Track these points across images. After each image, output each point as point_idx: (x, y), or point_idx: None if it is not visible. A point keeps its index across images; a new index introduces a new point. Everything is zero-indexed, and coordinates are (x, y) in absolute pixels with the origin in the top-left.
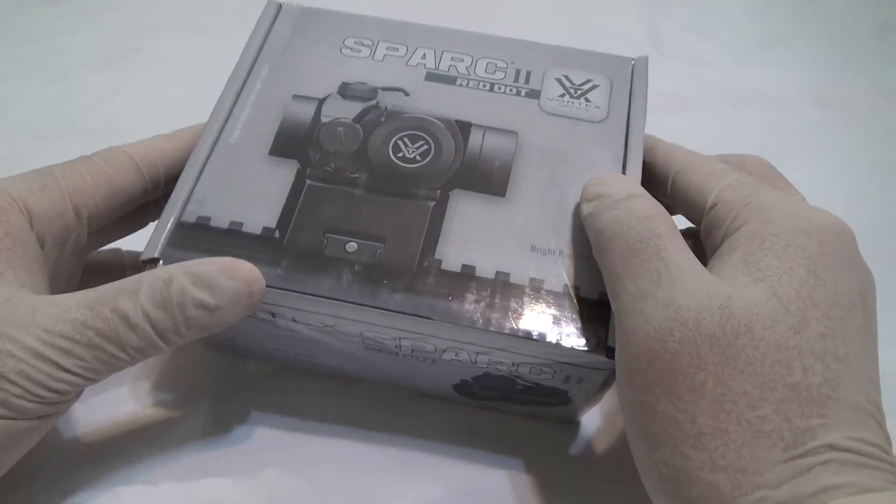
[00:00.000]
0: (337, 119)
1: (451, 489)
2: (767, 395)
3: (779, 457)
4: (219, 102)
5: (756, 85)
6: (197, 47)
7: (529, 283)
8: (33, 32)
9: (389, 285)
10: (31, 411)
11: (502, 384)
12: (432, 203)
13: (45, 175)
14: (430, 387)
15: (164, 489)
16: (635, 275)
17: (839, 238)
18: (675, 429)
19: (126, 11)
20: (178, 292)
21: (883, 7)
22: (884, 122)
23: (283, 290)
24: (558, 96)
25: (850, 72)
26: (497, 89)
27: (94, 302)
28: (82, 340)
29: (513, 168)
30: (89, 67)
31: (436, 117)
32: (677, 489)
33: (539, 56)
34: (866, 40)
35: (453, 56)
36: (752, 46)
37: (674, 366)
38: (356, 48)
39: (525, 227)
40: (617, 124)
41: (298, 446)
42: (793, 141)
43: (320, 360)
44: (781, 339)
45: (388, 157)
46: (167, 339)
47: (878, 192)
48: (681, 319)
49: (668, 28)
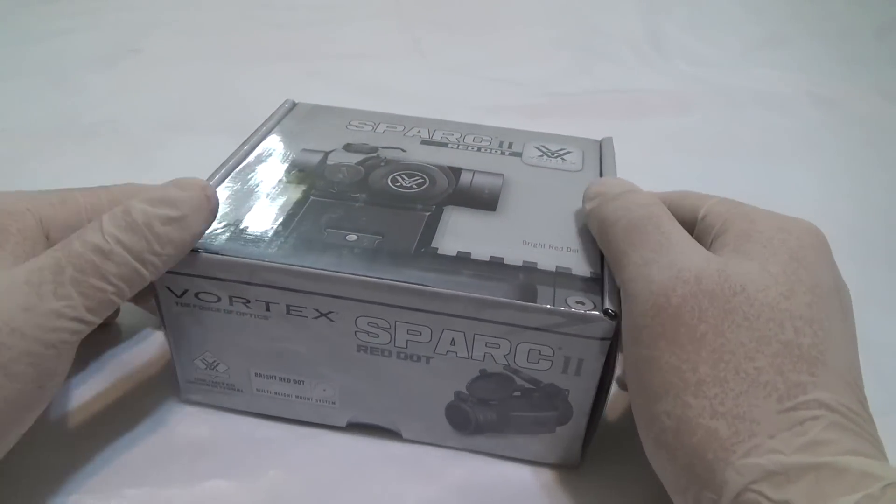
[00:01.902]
0: (341, 163)
1: (452, 490)
2: (763, 348)
3: (773, 407)
4: (230, 155)
5: (756, 85)
6: (197, 47)
7: (523, 263)
8: (33, 32)
9: (388, 262)
10: (26, 375)
11: (498, 389)
12: (427, 213)
13: (66, 193)
14: (421, 416)
15: (164, 489)
16: (639, 246)
17: (816, 239)
18: (678, 378)
19: (126, 11)
20: (140, 214)
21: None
22: (884, 122)
23: (284, 265)
24: (538, 156)
25: (850, 72)
26: (483, 151)
27: (63, 245)
28: (63, 280)
29: (501, 194)
30: (89, 67)
31: (430, 164)
32: (678, 437)
33: (519, 136)
34: (866, 40)
35: (444, 132)
36: (752, 46)
37: (677, 318)
38: (359, 126)
39: (516, 228)
40: (592, 174)
41: (298, 446)
42: (792, 141)
43: (305, 392)
44: (774, 302)
45: (386, 185)
46: (144, 260)
47: (877, 191)
48: (683, 278)
49: (668, 28)
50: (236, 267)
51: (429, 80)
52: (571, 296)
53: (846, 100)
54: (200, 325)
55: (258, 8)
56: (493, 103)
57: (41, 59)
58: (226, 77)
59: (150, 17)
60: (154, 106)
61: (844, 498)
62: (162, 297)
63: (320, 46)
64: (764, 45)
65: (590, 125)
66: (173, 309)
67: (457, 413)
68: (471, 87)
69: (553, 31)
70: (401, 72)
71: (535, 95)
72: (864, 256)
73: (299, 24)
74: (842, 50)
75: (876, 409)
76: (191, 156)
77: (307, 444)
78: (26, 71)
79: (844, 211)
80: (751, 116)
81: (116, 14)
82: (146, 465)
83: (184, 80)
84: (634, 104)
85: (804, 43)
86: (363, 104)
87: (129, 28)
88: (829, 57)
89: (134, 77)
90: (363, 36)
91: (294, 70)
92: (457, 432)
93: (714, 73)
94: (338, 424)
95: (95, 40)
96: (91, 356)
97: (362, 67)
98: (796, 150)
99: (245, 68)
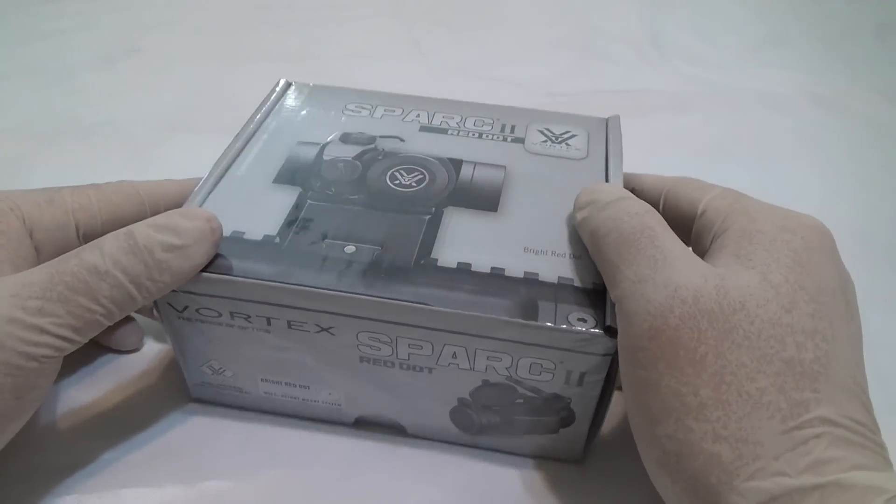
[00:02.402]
0: (338, 157)
1: (456, 486)
2: (764, 367)
3: (777, 427)
4: (226, 149)
5: (756, 85)
6: (196, 47)
7: (524, 275)
8: (33, 32)
9: (387, 279)
10: (4, 386)
11: (501, 397)
12: (427, 216)
13: (54, 192)
14: (425, 418)
15: (164, 489)
16: (633, 262)
17: (820, 236)
18: (679, 402)
19: (126, 11)
20: (143, 237)
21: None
22: (883, 122)
23: (282, 285)
24: (541, 142)
25: (850, 72)
26: (485, 137)
27: (59, 261)
28: (52, 296)
29: (502, 190)
30: (89, 67)
31: (429, 156)
32: (681, 462)
33: (521, 116)
34: (866, 40)
35: (444, 115)
36: (752, 46)
37: (675, 340)
38: (357, 110)
39: (517, 233)
40: (597, 161)
41: (298, 446)
42: (792, 141)
43: (311, 396)
44: (774, 317)
45: (385, 183)
46: (140, 285)
47: (876, 192)
48: (680, 297)
49: (668, 28)
50: (235, 286)
51: (429, 80)
52: (573, 312)
53: (846, 100)
54: (204, 337)
55: (257, 7)
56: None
57: (40, 58)
58: (225, 77)
59: (150, 16)
60: (153, 105)
61: None
62: (164, 311)
63: (320, 46)
64: (764, 45)
65: None
66: (176, 322)
67: (461, 416)
68: (471, 86)
69: (553, 30)
70: (401, 71)
71: (535, 95)
72: (864, 256)
73: (299, 23)
74: (842, 50)
75: (876, 409)
76: (190, 155)
77: (313, 442)
78: (25, 70)
79: (845, 211)
80: (751, 116)
81: (115, 14)
82: (147, 464)
83: (183, 79)
84: (635, 104)
85: (804, 43)
86: None
87: (129, 28)
88: (830, 57)
89: (133, 77)
90: (363, 35)
91: (294, 70)
92: (461, 432)
93: (714, 73)
94: (345, 422)
95: (94, 40)
96: (92, 356)
97: (362, 67)
98: (796, 150)
99: (244, 68)
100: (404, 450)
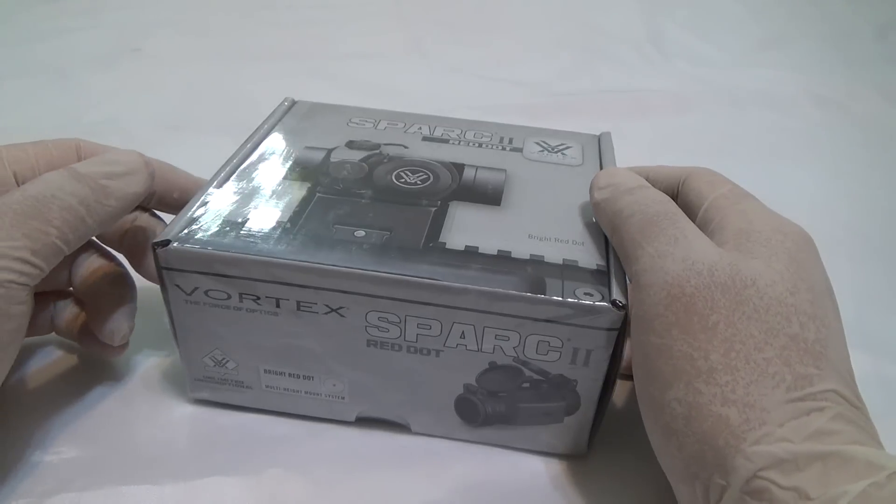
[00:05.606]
0: (345, 160)
1: (461, 482)
2: (771, 340)
3: (782, 397)
4: (232, 155)
5: (756, 85)
6: (198, 47)
7: (530, 257)
8: (34, 32)
9: (397, 258)
10: None
11: (508, 381)
12: (433, 209)
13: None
14: (429, 409)
15: (165, 489)
16: (654, 239)
17: (808, 244)
18: (690, 365)
19: (126, 11)
20: (83, 168)
21: (883, 7)
22: (884, 122)
23: (294, 262)
24: (538, 151)
25: (850, 72)
26: (485, 146)
27: (5, 195)
28: (3, 224)
29: (504, 189)
30: (90, 67)
31: (433, 160)
32: (689, 425)
33: (519, 132)
34: (866, 40)
35: (445, 129)
36: (752, 46)
37: (690, 307)
38: (360, 122)
39: (521, 223)
40: (592, 168)
41: (298, 446)
42: (793, 141)
43: (314, 388)
44: (781, 297)
45: (391, 181)
46: (89, 206)
47: (877, 191)
48: (696, 270)
49: (669, 28)
50: (247, 264)
51: (430, 80)
52: (579, 287)
53: (846, 100)
54: (210, 323)
55: (259, 8)
56: (494, 103)
57: (42, 58)
58: (227, 76)
59: (151, 16)
60: (155, 105)
61: (851, 485)
62: (171, 294)
63: (321, 46)
64: (764, 45)
65: (591, 125)
66: (182, 307)
67: (466, 405)
68: (471, 86)
69: (554, 30)
70: (402, 71)
71: (536, 95)
72: (863, 256)
73: (300, 23)
74: (842, 50)
75: (876, 409)
76: (192, 155)
77: (314, 441)
78: (27, 70)
79: (844, 211)
80: (751, 116)
81: (117, 13)
82: (147, 464)
83: (184, 79)
84: (635, 104)
85: (805, 43)
86: (364, 104)
87: (130, 27)
88: (830, 57)
89: (135, 76)
90: (364, 35)
91: (295, 69)
92: (465, 425)
93: (715, 73)
94: (347, 419)
95: (96, 40)
96: (92, 356)
97: (363, 67)
98: (796, 150)
99: (246, 68)
100: (411, 443)
